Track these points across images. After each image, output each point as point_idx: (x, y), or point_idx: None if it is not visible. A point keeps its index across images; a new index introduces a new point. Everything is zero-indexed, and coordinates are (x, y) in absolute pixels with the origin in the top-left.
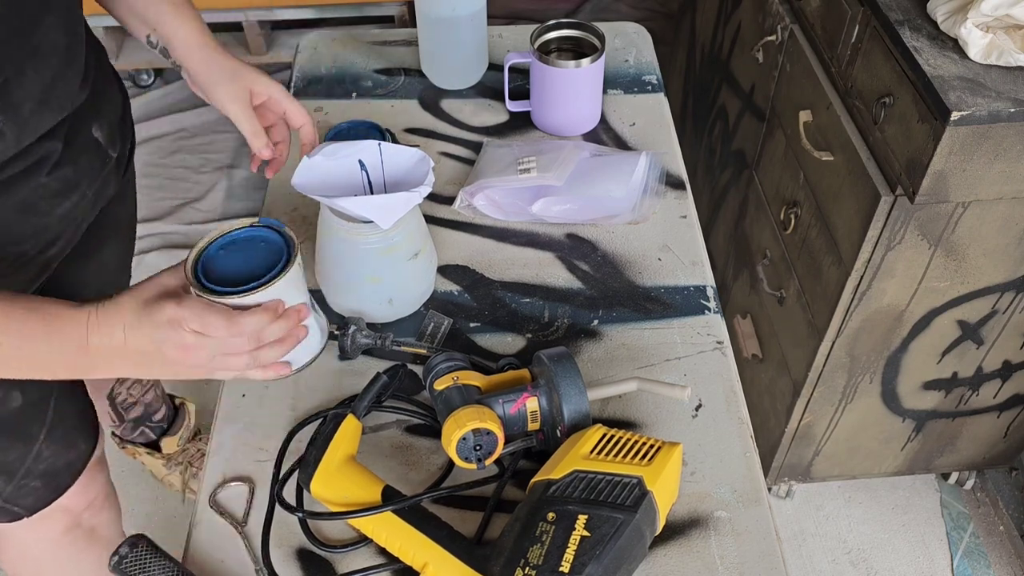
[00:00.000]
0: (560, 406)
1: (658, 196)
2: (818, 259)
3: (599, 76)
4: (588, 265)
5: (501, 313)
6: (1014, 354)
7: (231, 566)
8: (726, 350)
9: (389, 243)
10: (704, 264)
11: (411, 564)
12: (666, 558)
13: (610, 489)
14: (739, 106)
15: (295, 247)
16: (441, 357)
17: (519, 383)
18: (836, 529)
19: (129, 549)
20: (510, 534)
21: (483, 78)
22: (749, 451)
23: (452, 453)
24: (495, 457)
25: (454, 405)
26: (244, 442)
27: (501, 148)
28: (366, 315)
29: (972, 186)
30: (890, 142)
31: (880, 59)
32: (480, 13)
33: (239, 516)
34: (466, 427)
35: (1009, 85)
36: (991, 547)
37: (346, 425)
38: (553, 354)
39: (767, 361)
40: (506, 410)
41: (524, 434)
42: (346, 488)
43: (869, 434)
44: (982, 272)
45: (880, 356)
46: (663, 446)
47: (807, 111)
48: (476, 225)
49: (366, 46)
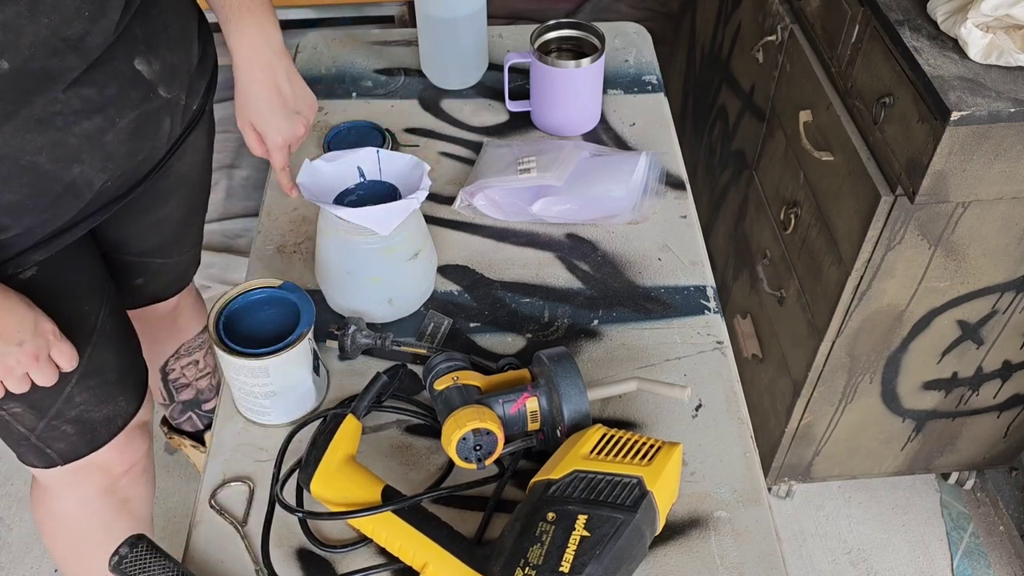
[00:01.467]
0: (560, 406)
1: (658, 196)
2: (818, 259)
3: (599, 76)
4: (588, 265)
5: (501, 313)
6: (1014, 354)
7: (231, 566)
8: (726, 350)
9: (389, 243)
10: (704, 264)
11: (411, 564)
12: (666, 558)
13: (610, 489)
14: (739, 106)
15: (309, 327)
16: (441, 357)
17: (519, 383)
18: (836, 529)
19: (129, 549)
20: (510, 534)
21: (483, 78)
22: (749, 451)
23: (452, 453)
24: (495, 457)
25: (454, 405)
26: (244, 442)
27: (501, 148)
28: (366, 315)
29: (972, 186)
30: (890, 142)
31: (880, 59)
32: (480, 13)
33: (239, 516)
34: (466, 427)
35: (1009, 85)
36: (991, 547)
37: (346, 425)
38: (553, 354)
39: (767, 361)
40: (506, 410)
41: (524, 434)
42: (346, 488)
43: (869, 434)
44: (982, 272)
45: (880, 356)
46: (663, 446)
47: (807, 111)
48: (476, 225)
49: (366, 46)
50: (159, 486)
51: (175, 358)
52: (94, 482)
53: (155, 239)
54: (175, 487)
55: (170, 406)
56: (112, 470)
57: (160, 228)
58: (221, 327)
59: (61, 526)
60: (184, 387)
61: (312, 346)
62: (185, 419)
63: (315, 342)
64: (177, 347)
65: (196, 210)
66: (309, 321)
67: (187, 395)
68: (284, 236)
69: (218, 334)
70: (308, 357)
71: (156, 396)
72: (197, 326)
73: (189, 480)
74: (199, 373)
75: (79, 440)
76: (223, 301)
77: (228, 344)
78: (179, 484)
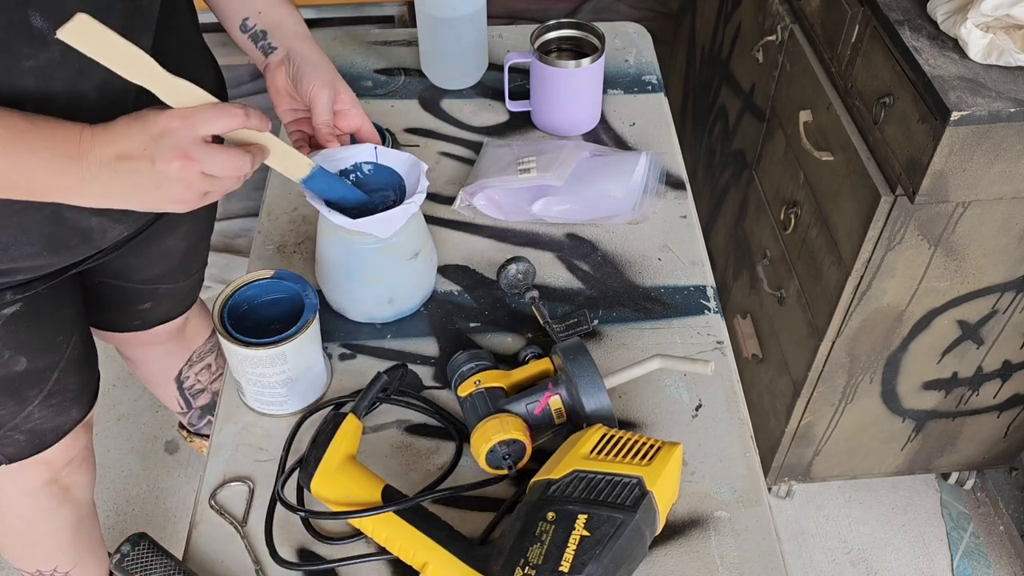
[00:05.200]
0: (581, 402)
1: (658, 196)
2: (818, 259)
3: (599, 76)
4: (588, 265)
5: (501, 313)
6: (1014, 354)
7: (231, 566)
8: (726, 350)
9: (389, 243)
10: (704, 264)
11: (411, 564)
12: (666, 558)
13: (610, 489)
14: (739, 106)
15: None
16: (464, 357)
17: (542, 377)
18: (836, 529)
19: (131, 547)
20: (510, 534)
21: (483, 78)
22: (749, 451)
23: (483, 464)
24: (526, 460)
25: (480, 414)
26: (244, 442)
27: (501, 148)
28: (366, 315)
29: (972, 186)
30: (890, 142)
31: (880, 59)
32: (480, 13)
33: (239, 516)
34: (492, 440)
35: (1009, 85)
36: (991, 547)
37: (346, 425)
38: (568, 348)
39: (767, 361)
40: (531, 411)
41: (552, 428)
42: (346, 488)
43: (869, 434)
44: (982, 272)
45: (880, 356)
46: (663, 446)
47: (807, 111)
48: (476, 225)
49: (366, 46)
50: (159, 486)
51: (188, 365)
52: (38, 475)
53: (161, 267)
54: (175, 487)
55: (188, 413)
56: (54, 463)
57: (167, 257)
58: (228, 325)
59: (3, 514)
60: (200, 392)
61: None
62: (204, 423)
63: None
64: (189, 355)
65: (203, 237)
66: (314, 299)
67: (204, 400)
68: (284, 236)
69: (227, 331)
70: (319, 336)
71: (173, 406)
72: (206, 331)
73: (189, 480)
74: (212, 376)
75: (27, 445)
76: (222, 299)
77: (242, 338)
78: (179, 484)
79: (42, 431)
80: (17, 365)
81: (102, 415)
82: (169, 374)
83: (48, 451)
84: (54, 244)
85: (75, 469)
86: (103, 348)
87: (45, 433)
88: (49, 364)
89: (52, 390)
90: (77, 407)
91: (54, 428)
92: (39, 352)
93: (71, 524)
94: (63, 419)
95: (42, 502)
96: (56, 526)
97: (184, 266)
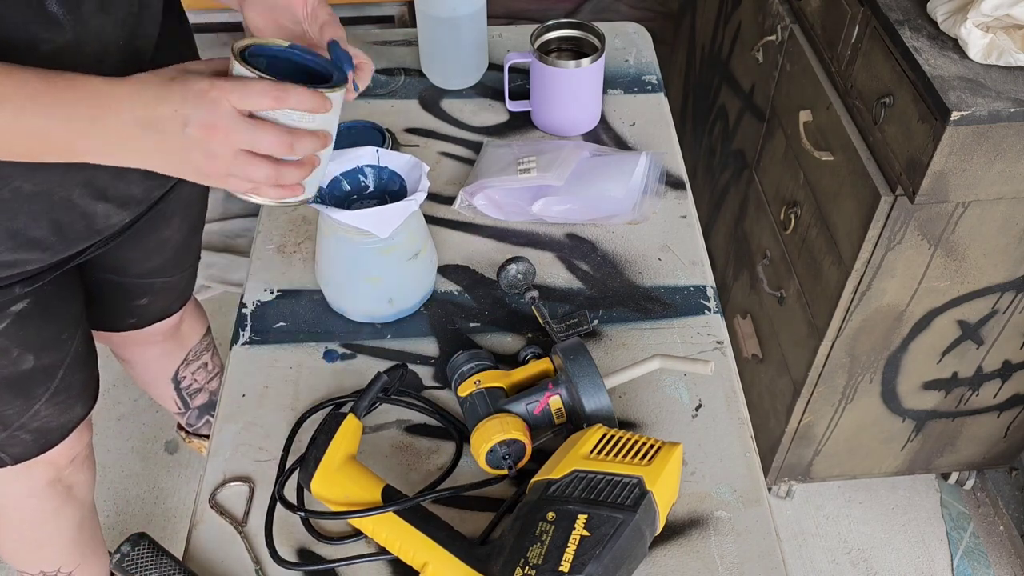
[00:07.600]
0: (581, 402)
1: (658, 196)
2: (818, 259)
3: (599, 76)
4: (588, 265)
5: (501, 313)
6: (1014, 354)
7: (231, 566)
8: (726, 350)
9: (389, 243)
10: (704, 264)
11: (411, 564)
12: (666, 558)
13: (610, 489)
14: (739, 106)
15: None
16: (464, 357)
17: (542, 377)
18: (836, 529)
19: (131, 547)
20: (510, 534)
21: (483, 78)
22: (749, 451)
23: (483, 465)
24: (526, 460)
25: (479, 414)
26: (244, 442)
27: (501, 148)
28: (366, 315)
29: (972, 186)
30: (890, 142)
31: (880, 59)
32: (480, 13)
33: (239, 516)
34: (491, 441)
35: (1009, 85)
36: (991, 547)
37: (346, 425)
38: (568, 349)
39: (767, 361)
40: (530, 411)
41: (552, 428)
42: (346, 488)
43: (869, 434)
44: (982, 272)
45: (880, 356)
46: (663, 446)
47: (807, 111)
48: (476, 225)
49: (366, 46)
50: (159, 486)
51: (184, 365)
52: (43, 475)
53: (157, 260)
54: (175, 487)
55: (186, 413)
56: (58, 462)
57: (162, 250)
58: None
59: (8, 517)
60: (197, 392)
61: None
62: (203, 423)
63: None
64: (185, 354)
65: (196, 229)
66: (349, 61)
67: (201, 399)
68: (284, 236)
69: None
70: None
71: (170, 407)
72: (201, 329)
73: (189, 480)
74: (209, 375)
75: (33, 445)
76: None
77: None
78: (179, 484)
79: (48, 429)
80: (25, 363)
81: (102, 415)
82: (166, 375)
83: (53, 450)
84: (60, 228)
85: (77, 468)
86: (102, 348)
87: (51, 431)
88: (56, 361)
89: (59, 387)
90: (81, 404)
91: (60, 426)
92: (46, 349)
93: (75, 524)
94: (68, 416)
95: (47, 502)
96: (60, 526)
97: (178, 259)
